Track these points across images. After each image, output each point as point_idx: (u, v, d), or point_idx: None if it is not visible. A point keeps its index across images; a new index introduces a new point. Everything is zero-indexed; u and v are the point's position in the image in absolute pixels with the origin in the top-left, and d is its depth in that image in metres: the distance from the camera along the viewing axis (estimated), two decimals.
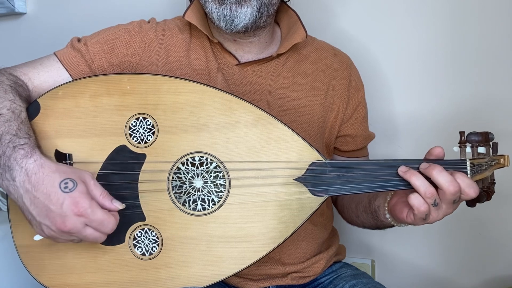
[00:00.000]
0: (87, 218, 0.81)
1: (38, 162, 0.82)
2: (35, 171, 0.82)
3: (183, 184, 0.93)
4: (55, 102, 0.93)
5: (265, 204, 0.92)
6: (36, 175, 0.81)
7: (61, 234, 0.83)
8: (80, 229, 0.82)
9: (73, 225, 0.81)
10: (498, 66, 1.33)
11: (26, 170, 0.81)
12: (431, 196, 0.85)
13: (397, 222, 0.97)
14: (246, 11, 1.00)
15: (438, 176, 0.85)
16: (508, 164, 0.94)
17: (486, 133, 0.92)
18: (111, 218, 0.84)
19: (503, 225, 1.37)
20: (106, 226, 0.83)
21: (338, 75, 1.15)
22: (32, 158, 0.82)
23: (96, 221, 0.82)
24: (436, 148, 0.90)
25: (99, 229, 0.83)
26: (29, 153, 0.83)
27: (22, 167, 0.82)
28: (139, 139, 0.92)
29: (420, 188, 0.86)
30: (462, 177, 0.85)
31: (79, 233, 0.82)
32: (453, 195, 0.85)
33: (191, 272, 0.92)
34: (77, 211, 0.81)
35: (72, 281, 0.92)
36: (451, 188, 0.84)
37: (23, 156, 0.82)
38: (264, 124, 0.92)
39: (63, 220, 0.81)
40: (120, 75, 0.94)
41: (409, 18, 1.39)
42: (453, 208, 0.89)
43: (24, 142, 0.84)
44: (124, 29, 1.08)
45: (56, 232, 0.82)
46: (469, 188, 0.85)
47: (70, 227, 0.81)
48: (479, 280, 1.41)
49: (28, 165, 0.82)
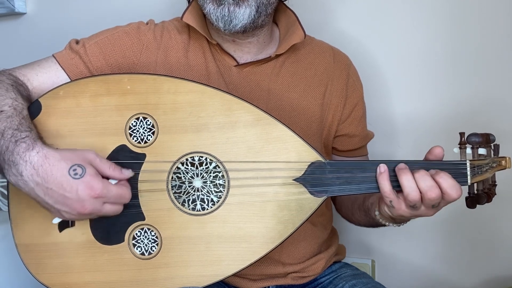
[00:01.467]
0: (104, 197, 0.84)
1: (41, 153, 0.83)
2: (40, 163, 0.82)
3: (182, 184, 0.93)
4: (56, 101, 0.93)
5: (264, 204, 0.92)
6: (42, 167, 0.82)
7: (83, 216, 0.85)
8: (99, 208, 0.85)
9: (93, 206, 0.83)
10: (498, 66, 1.33)
11: (32, 163, 0.82)
12: (412, 200, 0.86)
13: (385, 220, 0.97)
14: (245, 11, 1.00)
15: (405, 181, 0.85)
16: (510, 166, 0.93)
17: (487, 134, 0.91)
18: (125, 189, 0.87)
19: (503, 225, 1.37)
20: (123, 197, 0.87)
21: (336, 74, 1.15)
22: (35, 150, 0.83)
23: (113, 197, 0.85)
24: (436, 148, 0.90)
25: (117, 202, 0.87)
26: (31, 146, 0.83)
27: (26, 161, 0.82)
28: (139, 139, 0.93)
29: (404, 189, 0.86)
30: (445, 177, 0.85)
31: (99, 212, 0.85)
32: (431, 201, 0.85)
33: (190, 272, 0.92)
34: (94, 193, 0.83)
35: (71, 280, 0.92)
36: (431, 194, 0.84)
37: (25, 150, 0.83)
38: (264, 125, 0.92)
39: (82, 205, 0.83)
40: (120, 75, 0.94)
41: (409, 18, 1.39)
42: (432, 212, 0.89)
43: (25, 135, 0.84)
44: (122, 30, 1.09)
45: (76, 215, 0.84)
46: (451, 189, 0.84)
47: (91, 210, 0.83)
48: (479, 280, 1.41)
49: (32, 158, 0.82)
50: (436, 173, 0.86)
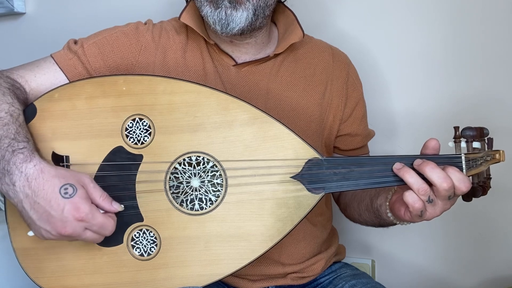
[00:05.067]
0: (87, 223, 0.83)
1: (37, 166, 0.82)
2: (35, 176, 0.82)
3: (180, 184, 0.93)
4: (52, 104, 0.93)
5: (262, 203, 0.92)
6: (36, 180, 0.82)
7: (61, 237, 0.84)
8: (80, 232, 0.83)
9: (74, 229, 0.82)
10: (497, 64, 1.34)
11: (26, 175, 0.82)
12: (424, 193, 0.85)
13: (398, 220, 0.97)
14: (242, 15, 1.00)
15: (431, 173, 0.85)
16: (503, 159, 0.94)
17: (481, 128, 0.92)
18: (110, 221, 0.86)
19: (503, 225, 1.37)
20: (106, 229, 0.85)
21: (336, 74, 1.15)
22: (32, 163, 0.83)
23: (96, 225, 0.84)
24: (432, 140, 0.91)
25: (99, 232, 0.85)
26: (29, 157, 0.83)
27: (22, 172, 0.82)
28: (135, 140, 0.93)
29: (413, 185, 0.86)
30: (454, 171, 0.86)
31: (79, 237, 0.84)
32: (446, 191, 0.85)
33: (190, 271, 0.92)
34: (78, 216, 0.82)
35: (70, 283, 0.92)
36: (444, 185, 0.84)
37: (23, 161, 0.82)
38: (260, 123, 0.93)
39: (64, 225, 0.82)
40: (115, 77, 0.94)
41: (407, 17, 1.39)
42: (450, 204, 0.89)
43: (23, 146, 0.84)
44: (121, 31, 1.09)
45: (55, 236, 0.83)
46: (460, 182, 0.85)
47: (71, 232, 0.82)
48: (479, 280, 1.41)
49: (28, 170, 0.82)
50: (444, 167, 0.86)
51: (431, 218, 0.90)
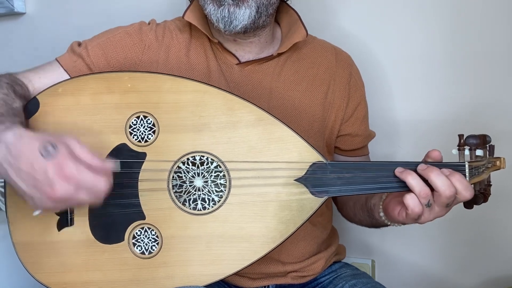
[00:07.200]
0: (76, 182, 0.76)
1: (17, 133, 0.78)
2: (14, 143, 0.77)
3: (183, 183, 0.93)
4: (55, 99, 0.92)
5: (265, 204, 0.91)
6: (15, 146, 0.77)
7: (55, 203, 0.77)
8: (72, 193, 0.76)
9: (64, 190, 0.75)
10: (498, 68, 1.33)
11: (6, 143, 0.77)
12: (425, 196, 0.85)
13: (390, 220, 0.97)
14: (245, 12, 0.99)
15: (436, 179, 0.85)
16: (504, 166, 0.94)
17: (483, 136, 0.92)
18: (101, 179, 0.78)
19: (503, 225, 1.37)
20: (98, 187, 0.78)
21: (339, 74, 1.15)
22: (12, 132, 0.78)
23: (86, 183, 0.77)
24: (434, 151, 0.90)
25: (92, 192, 0.78)
26: (9, 127, 0.79)
27: (2, 141, 0.78)
28: (139, 138, 0.92)
29: (415, 188, 0.85)
30: (460, 178, 0.85)
31: (73, 199, 0.77)
32: (448, 198, 0.85)
33: (191, 271, 0.92)
34: (63, 174, 0.75)
35: (70, 279, 0.92)
36: (447, 192, 0.84)
37: (2, 130, 0.79)
38: (266, 125, 0.92)
39: (52, 188, 0.75)
40: (121, 73, 0.94)
41: (410, 18, 1.38)
42: (445, 211, 0.89)
43: (6, 120, 0.81)
44: (124, 31, 1.09)
45: (50, 202, 0.77)
46: (465, 190, 0.85)
47: (61, 193, 0.75)
48: (479, 280, 1.41)
49: (8, 138, 0.78)
50: (450, 174, 0.86)
51: (424, 222, 0.90)
